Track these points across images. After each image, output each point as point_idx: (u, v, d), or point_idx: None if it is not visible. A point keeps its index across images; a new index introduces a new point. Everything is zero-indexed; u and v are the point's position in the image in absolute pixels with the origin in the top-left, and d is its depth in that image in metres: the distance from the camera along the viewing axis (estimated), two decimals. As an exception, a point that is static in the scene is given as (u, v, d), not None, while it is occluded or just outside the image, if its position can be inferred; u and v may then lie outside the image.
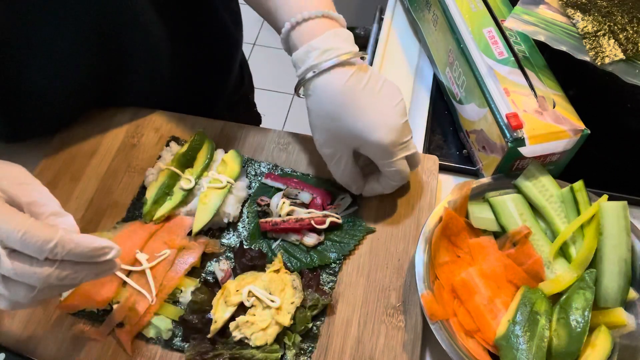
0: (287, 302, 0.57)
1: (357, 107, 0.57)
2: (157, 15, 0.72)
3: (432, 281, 0.57)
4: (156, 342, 0.59)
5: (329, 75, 0.57)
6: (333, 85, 0.57)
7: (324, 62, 0.57)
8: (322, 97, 0.58)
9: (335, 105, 0.58)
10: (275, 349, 0.56)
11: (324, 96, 0.58)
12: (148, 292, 0.59)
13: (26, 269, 0.43)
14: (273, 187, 0.68)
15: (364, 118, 0.57)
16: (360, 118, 0.57)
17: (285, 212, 0.64)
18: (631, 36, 0.59)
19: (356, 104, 0.57)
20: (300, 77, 0.59)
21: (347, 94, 0.57)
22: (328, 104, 0.58)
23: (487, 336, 0.55)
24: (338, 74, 0.57)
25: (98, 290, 0.59)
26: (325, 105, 0.58)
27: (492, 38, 0.68)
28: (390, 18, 0.92)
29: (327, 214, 0.64)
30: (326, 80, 0.58)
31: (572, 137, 0.61)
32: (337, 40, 0.58)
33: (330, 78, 0.57)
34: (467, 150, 0.73)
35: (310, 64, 0.57)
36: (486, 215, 0.62)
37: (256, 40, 2.31)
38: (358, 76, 0.58)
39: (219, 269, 0.61)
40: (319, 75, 0.58)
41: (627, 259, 0.56)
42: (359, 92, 0.58)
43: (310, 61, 0.57)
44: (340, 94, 0.57)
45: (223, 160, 0.69)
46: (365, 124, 0.57)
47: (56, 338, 0.59)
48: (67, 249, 0.43)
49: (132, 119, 0.76)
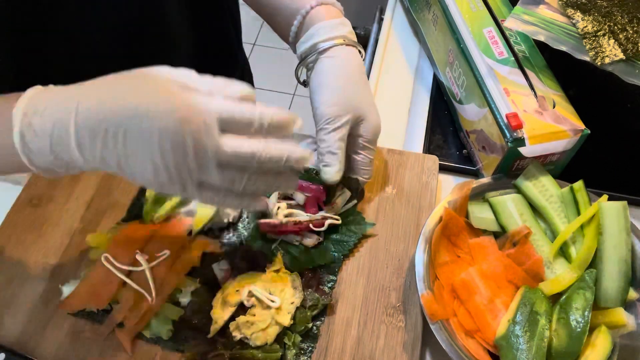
0: (287, 302, 0.57)
1: (365, 82, 0.64)
2: (178, 16, 0.73)
3: (432, 281, 0.57)
4: (156, 342, 0.59)
5: (349, 48, 0.63)
6: (353, 55, 0.64)
7: (350, 35, 0.64)
8: (342, 61, 0.63)
9: (353, 71, 0.63)
10: (275, 349, 0.56)
11: (344, 61, 0.63)
12: (148, 292, 0.59)
13: (240, 142, 0.43)
14: None
15: (370, 95, 0.64)
16: (368, 92, 0.64)
17: (282, 215, 0.63)
18: (631, 36, 0.59)
19: (364, 80, 0.64)
20: (321, 41, 0.62)
21: (360, 67, 0.64)
22: (348, 68, 0.63)
23: (487, 336, 0.54)
24: (355, 50, 0.64)
25: (98, 291, 0.59)
26: (345, 67, 0.63)
27: (492, 38, 0.68)
28: (390, 18, 0.92)
29: (326, 216, 0.63)
30: (349, 50, 0.63)
31: (572, 137, 0.61)
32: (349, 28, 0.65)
33: (350, 50, 0.64)
34: (467, 150, 0.73)
35: (339, 34, 0.63)
36: (486, 215, 0.62)
37: (256, 40, 2.31)
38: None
39: (219, 269, 0.61)
40: (339, 46, 0.62)
41: (627, 259, 0.56)
42: (364, 74, 0.65)
43: (338, 32, 0.63)
44: (356, 65, 0.63)
45: None
46: (370, 100, 0.64)
47: (56, 338, 0.59)
48: (270, 115, 0.45)
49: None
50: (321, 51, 0.62)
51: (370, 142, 0.64)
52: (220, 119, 0.43)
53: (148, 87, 0.42)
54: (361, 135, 0.63)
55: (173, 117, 0.41)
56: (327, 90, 0.62)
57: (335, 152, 0.61)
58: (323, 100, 0.61)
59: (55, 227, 0.66)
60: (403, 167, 0.70)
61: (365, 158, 0.64)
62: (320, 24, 0.63)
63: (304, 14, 0.64)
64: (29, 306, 0.61)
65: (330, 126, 0.61)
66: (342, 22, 0.64)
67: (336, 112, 0.61)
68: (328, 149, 0.61)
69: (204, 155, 0.43)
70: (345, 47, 0.63)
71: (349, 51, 0.63)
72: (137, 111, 0.41)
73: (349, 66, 0.63)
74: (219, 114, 0.43)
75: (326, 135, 0.61)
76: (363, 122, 0.62)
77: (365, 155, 0.64)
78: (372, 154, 0.65)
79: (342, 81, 0.62)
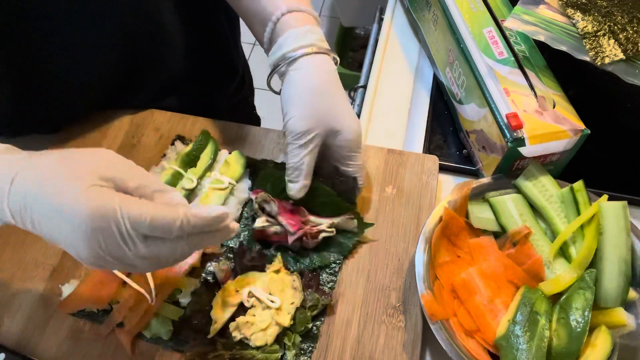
0: (287, 302, 0.57)
1: (338, 91, 0.62)
2: (176, 19, 0.74)
3: (432, 281, 0.57)
4: (156, 342, 0.59)
5: (320, 56, 0.62)
6: (324, 63, 0.62)
7: (320, 42, 0.62)
8: (312, 70, 0.61)
9: (323, 81, 0.61)
10: (275, 350, 0.56)
11: (314, 70, 0.61)
12: (148, 292, 0.59)
13: (160, 248, 0.45)
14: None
15: (344, 103, 0.62)
16: (341, 101, 0.62)
17: (259, 226, 0.62)
18: (631, 36, 0.59)
19: (337, 88, 0.62)
20: (290, 51, 0.61)
21: (332, 75, 0.62)
22: (317, 78, 0.61)
23: (487, 336, 0.54)
24: (326, 57, 0.62)
25: (98, 291, 0.59)
26: (314, 78, 0.61)
27: (492, 38, 0.68)
28: (390, 18, 0.92)
29: (321, 229, 0.62)
30: (319, 58, 0.61)
31: (572, 137, 0.61)
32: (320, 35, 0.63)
33: (321, 57, 0.62)
34: (467, 150, 0.73)
35: (308, 42, 0.61)
36: (486, 215, 0.62)
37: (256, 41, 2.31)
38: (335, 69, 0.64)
39: (219, 269, 0.61)
40: (309, 55, 0.61)
41: (627, 259, 0.56)
42: (338, 81, 0.63)
43: (307, 40, 0.61)
44: (327, 73, 0.62)
45: (226, 161, 0.69)
46: (345, 108, 0.61)
47: (56, 338, 0.59)
48: (192, 224, 0.45)
49: (132, 119, 0.77)
50: (290, 61, 0.61)
51: (352, 151, 0.62)
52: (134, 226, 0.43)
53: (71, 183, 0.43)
54: (340, 147, 0.62)
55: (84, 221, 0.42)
56: (296, 104, 0.60)
57: (300, 169, 0.60)
58: (292, 114, 0.60)
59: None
60: (403, 167, 0.70)
61: (352, 167, 0.63)
62: (288, 32, 0.61)
63: (275, 21, 0.62)
64: (29, 306, 0.61)
65: (297, 142, 0.60)
66: (311, 29, 0.62)
67: (304, 127, 0.59)
68: (294, 164, 0.61)
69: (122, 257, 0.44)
70: (315, 56, 0.61)
71: (320, 60, 0.61)
72: (52, 207, 0.43)
73: (320, 76, 0.61)
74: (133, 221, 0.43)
75: (293, 150, 0.60)
76: (340, 133, 0.61)
77: (351, 164, 0.63)
78: (359, 160, 0.63)
79: (311, 93, 0.60)
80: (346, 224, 0.64)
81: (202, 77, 0.87)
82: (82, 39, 0.66)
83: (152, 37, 0.73)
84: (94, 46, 0.68)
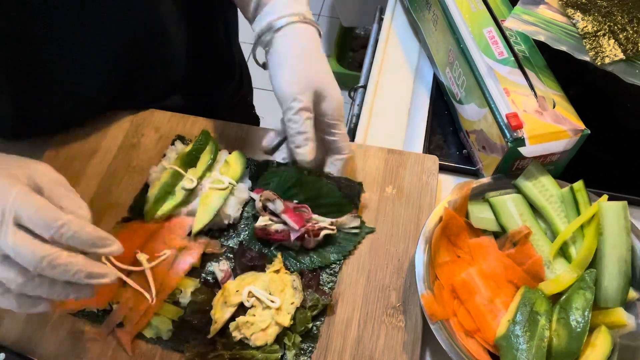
0: (287, 302, 0.57)
1: (323, 59, 0.64)
2: (176, 22, 0.74)
3: (432, 281, 0.57)
4: (156, 342, 0.59)
5: (306, 25, 0.63)
6: (309, 32, 0.63)
7: (306, 13, 0.63)
8: (299, 38, 0.62)
9: (309, 48, 0.63)
10: (275, 349, 0.56)
11: (300, 38, 0.63)
12: (148, 292, 0.59)
13: (27, 242, 0.43)
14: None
15: (329, 71, 0.63)
16: (327, 69, 0.63)
17: (261, 224, 0.62)
18: (631, 36, 0.59)
19: (323, 57, 0.64)
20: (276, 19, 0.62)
21: (318, 43, 0.64)
22: (304, 45, 0.62)
23: (487, 336, 0.54)
24: (311, 27, 0.64)
25: (98, 291, 0.59)
26: (301, 45, 0.62)
27: (492, 38, 0.68)
28: (390, 18, 0.92)
29: (322, 227, 0.63)
30: (305, 27, 0.63)
31: (572, 137, 0.61)
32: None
33: (306, 27, 0.63)
34: (467, 150, 0.73)
35: (294, 12, 0.62)
36: (486, 215, 0.62)
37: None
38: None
39: (219, 270, 0.61)
40: (295, 23, 0.62)
41: (627, 259, 0.56)
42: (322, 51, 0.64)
43: (294, 9, 0.63)
44: (312, 41, 0.63)
45: (226, 161, 0.69)
46: (330, 76, 0.63)
47: (56, 338, 0.59)
48: (72, 230, 0.44)
49: (132, 119, 0.77)
50: (276, 30, 0.62)
51: (336, 119, 0.63)
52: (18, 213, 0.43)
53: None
54: (325, 114, 0.62)
55: None
56: (286, 70, 0.61)
57: (305, 131, 0.61)
58: (284, 79, 0.61)
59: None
60: (403, 167, 0.70)
61: (338, 135, 0.64)
62: (275, 1, 0.62)
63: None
64: (29, 306, 0.61)
65: (294, 107, 0.60)
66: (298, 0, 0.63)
67: (298, 91, 0.60)
68: (297, 129, 0.60)
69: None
70: (301, 25, 0.63)
71: (305, 29, 0.63)
72: None
73: (306, 43, 0.63)
74: (20, 207, 0.43)
75: (293, 115, 0.60)
76: (325, 100, 0.62)
77: (337, 133, 0.64)
78: (343, 128, 0.64)
79: (299, 59, 0.62)
80: (350, 222, 0.64)
81: (201, 78, 0.87)
82: (85, 42, 0.66)
83: (154, 40, 0.73)
84: (96, 49, 0.68)
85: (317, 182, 0.65)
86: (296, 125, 0.60)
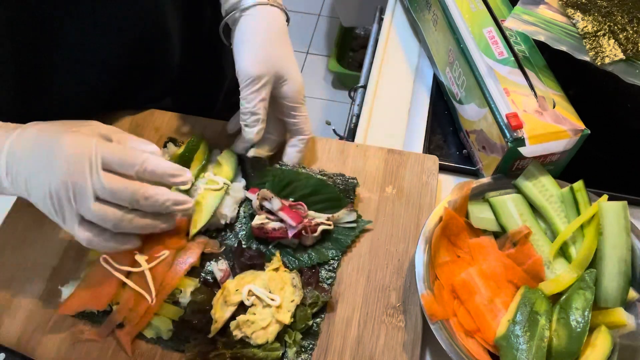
0: (287, 300, 0.57)
1: (287, 42, 0.65)
2: (177, 24, 0.75)
3: (432, 281, 0.57)
4: (156, 343, 0.59)
5: (273, 9, 0.64)
6: (276, 16, 0.65)
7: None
8: (265, 19, 0.64)
9: (274, 30, 0.64)
10: (276, 347, 0.56)
11: (266, 19, 0.64)
12: (148, 293, 0.59)
13: (119, 181, 0.51)
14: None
15: (292, 54, 0.65)
16: (290, 52, 0.64)
17: (258, 222, 0.63)
18: (631, 36, 0.59)
19: (287, 40, 0.65)
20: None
21: (283, 27, 0.65)
22: (269, 26, 0.63)
23: (487, 336, 0.54)
24: (279, 11, 0.65)
25: (98, 292, 0.59)
26: (266, 26, 0.63)
27: (492, 38, 0.68)
28: (390, 18, 0.92)
29: (319, 222, 0.63)
30: (272, 10, 0.64)
31: (572, 137, 0.61)
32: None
33: (273, 10, 0.64)
34: (467, 150, 0.73)
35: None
36: (486, 215, 0.62)
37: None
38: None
39: (218, 269, 0.61)
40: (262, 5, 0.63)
41: (627, 259, 0.56)
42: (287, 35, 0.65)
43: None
44: (278, 24, 0.64)
45: (218, 160, 0.68)
46: (292, 59, 0.64)
47: (56, 339, 0.59)
48: (153, 164, 0.53)
49: (132, 119, 0.77)
50: (243, 9, 0.63)
51: (296, 102, 0.64)
52: (104, 159, 0.51)
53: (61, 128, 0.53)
54: (286, 97, 0.63)
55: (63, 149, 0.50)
56: (248, 49, 0.62)
57: (257, 113, 0.62)
58: (245, 57, 0.61)
59: (56, 227, 0.66)
60: (403, 167, 0.70)
61: (299, 117, 0.65)
62: None
63: None
64: (29, 306, 0.61)
65: (252, 86, 0.61)
66: None
67: (258, 71, 0.60)
68: (250, 109, 0.61)
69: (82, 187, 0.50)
70: (269, 7, 0.63)
71: (273, 11, 0.64)
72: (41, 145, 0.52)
73: (271, 25, 0.63)
74: (104, 153, 0.51)
75: (249, 94, 0.61)
76: (286, 83, 0.63)
77: (298, 115, 0.65)
78: (304, 111, 0.65)
79: (263, 40, 0.62)
80: (346, 216, 0.64)
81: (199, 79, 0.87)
82: (92, 44, 0.66)
83: (156, 42, 0.73)
84: (101, 50, 0.68)
85: (312, 179, 0.66)
86: (249, 105, 0.61)
